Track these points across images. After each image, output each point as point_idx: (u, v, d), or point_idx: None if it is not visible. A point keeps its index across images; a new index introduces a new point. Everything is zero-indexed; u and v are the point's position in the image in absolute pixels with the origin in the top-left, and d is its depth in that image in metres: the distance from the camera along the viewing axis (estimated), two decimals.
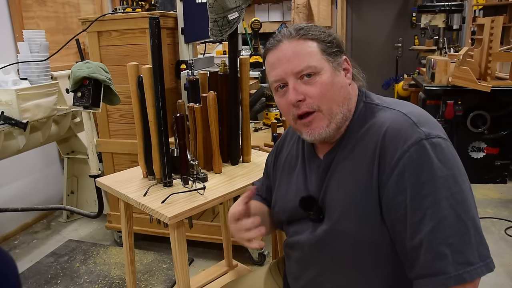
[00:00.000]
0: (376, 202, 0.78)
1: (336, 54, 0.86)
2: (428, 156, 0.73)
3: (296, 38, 0.85)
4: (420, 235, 0.72)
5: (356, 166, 0.82)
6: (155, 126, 1.23)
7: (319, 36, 0.86)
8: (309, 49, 0.84)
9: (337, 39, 0.88)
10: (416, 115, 0.79)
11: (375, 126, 0.82)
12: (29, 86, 2.10)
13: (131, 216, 1.38)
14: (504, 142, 3.06)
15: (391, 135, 0.77)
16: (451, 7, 3.38)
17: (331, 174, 0.87)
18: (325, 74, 0.84)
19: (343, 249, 0.83)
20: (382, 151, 0.78)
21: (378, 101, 0.88)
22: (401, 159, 0.74)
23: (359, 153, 0.82)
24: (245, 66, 1.38)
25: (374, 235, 0.79)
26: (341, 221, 0.83)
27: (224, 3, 1.24)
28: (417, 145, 0.74)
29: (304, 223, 0.92)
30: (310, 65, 0.83)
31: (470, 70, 2.59)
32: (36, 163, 2.87)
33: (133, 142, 2.02)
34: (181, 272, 1.13)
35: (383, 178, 0.77)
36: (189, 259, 2.24)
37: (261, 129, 2.31)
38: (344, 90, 0.86)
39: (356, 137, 0.84)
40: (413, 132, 0.75)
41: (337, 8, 5.24)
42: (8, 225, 2.67)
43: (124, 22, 2.06)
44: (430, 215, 0.71)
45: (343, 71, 0.87)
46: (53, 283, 2.11)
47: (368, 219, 0.79)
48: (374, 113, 0.85)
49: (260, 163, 1.43)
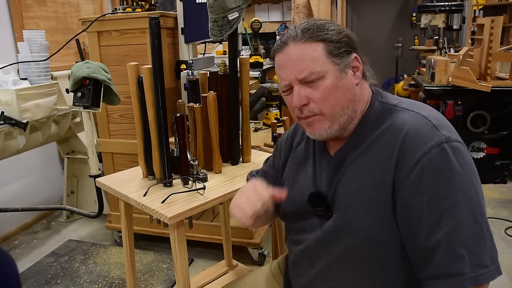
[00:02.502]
0: (389, 201, 0.78)
1: (344, 54, 0.84)
2: (449, 159, 0.73)
3: (302, 41, 0.84)
4: (437, 236, 0.72)
5: (371, 165, 0.82)
6: (155, 126, 1.23)
7: (327, 36, 0.84)
8: (314, 54, 0.83)
9: (348, 36, 0.86)
10: (435, 118, 0.80)
11: (394, 126, 0.82)
12: (29, 86, 2.10)
13: (131, 216, 1.38)
14: (504, 142, 3.06)
15: (412, 136, 0.77)
16: (451, 7, 3.38)
17: (343, 171, 0.86)
18: (330, 78, 0.83)
19: (351, 246, 0.84)
20: (401, 152, 0.78)
21: (396, 101, 0.87)
22: (420, 160, 0.74)
23: (376, 152, 0.82)
24: (245, 66, 1.38)
25: (384, 233, 0.80)
26: (352, 218, 0.83)
27: (224, 3, 1.24)
28: (437, 148, 0.74)
29: (310, 220, 0.92)
30: (314, 71, 0.83)
31: (470, 70, 2.59)
32: (36, 163, 2.87)
33: (133, 142, 2.02)
34: (181, 272, 1.13)
35: (400, 178, 0.77)
36: (189, 259, 2.24)
37: (261, 129, 2.32)
38: (350, 92, 0.85)
39: (373, 136, 0.84)
40: (434, 134, 0.76)
41: (337, 8, 5.24)
42: (8, 225, 2.67)
43: (124, 22, 2.06)
44: (448, 216, 0.72)
45: (352, 70, 0.86)
46: (53, 283, 2.11)
47: (380, 218, 0.79)
48: (393, 114, 0.84)
49: (260, 163, 1.43)
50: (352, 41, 0.86)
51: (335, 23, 0.88)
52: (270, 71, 3.26)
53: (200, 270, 2.16)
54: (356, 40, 0.87)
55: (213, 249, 2.32)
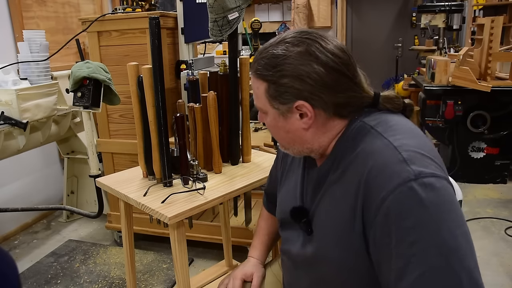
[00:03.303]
0: (361, 236, 0.73)
1: (286, 100, 0.78)
2: (417, 199, 0.65)
3: (252, 72, 0.83)
4: (403, 284, 0.65)
5: (342, 196, 0.77)
6: (155, 126, 1.23)
7: (272, 77, 0.78)
8: (257, 91, 0.83)
9: (303, 80, 0.75)
10: (408, 148, 0.70)
11: (362, 153, 0.75)
12: (29, 86, 2.10)
13: (131, 216, 1.38)
14: (504, 142, 3.07)
15: (377, 170, 0.70)
16: (451, 7, 3.38)
17: (323, 194, 0.83)
18: (270, 117, 0.84)
19: (329, 272, 0.82)
20: (367, 187, 0.71)
21: (374, 122, 0.78)
22: (385, 200, 0.67)
23: (347, 181, 0.76)
24: (245, 66, 1.38)
25: (359, 264, 0.75)
26: (326, 246, 0.81)
27: (224, 3, 1.24)
28: (403, 186, 0.66)
29: (295, 232, 0.92)
30: (258, 106, 0.86)
31: (470, 70, 2.59)
32: (36, 163, 2.87)
33: (133, 142, 2.02)
34: (181, 272, 1.13)
35: (369, 216, 0.70)
36: (189, 259, 2.24)
37: (261, 129, 2.32)
38: (293, 134, 0.82)
39: (347, 160, 0.78)
40: (401, 170, 0.67)
41: (337, 8, 5.24)
42: (8, 225, 2.67)
43: (124, 22, 2.06)
44: (415, 263, 0.63)
45: (299, 116, 0.79)
46: (53, 283, 2.11)
47: (353, 250, 0.75)
48: (365, 137, 0.76)
49: (260, 163, 1.43)
50: (309, 86, 0.76)
51: (307, 53, 0.76)
52: None
53: (200, 270, 2.16)
54: (319, 85, 0.75)
55: (213, 249, 2.32)
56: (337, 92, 0.77)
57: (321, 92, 0.76)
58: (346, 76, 0.77)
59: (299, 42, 0.77)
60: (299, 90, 0.76)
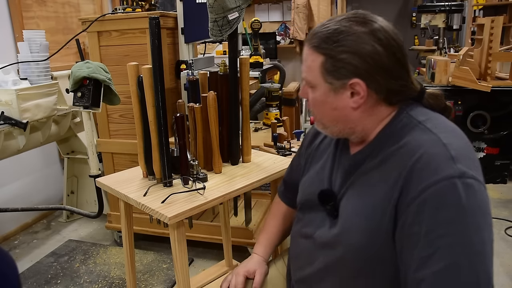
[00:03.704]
0: (390, 222, 0.75)
1: (341, 76, 0.79)
2: (456, 196, 0.68)
3: (310, 46, 0.83)
4: (424, 272, 0.68)
5: (380, 181, 0.79)
6: (155, 126, 1.23)
7: (331, 51, 0.79)
8: (311, 63, 0.83)
9: (365, 59, 0.77)
10: (456, 148, 0.73)
11: (409, 146, 0.76)
12: (29, 86, 2.10)
13: (131, 216, 1.38)
14: (504, 142, 3.06)
15: (424, 163, 0.72)
16: (451, 7, 3.38)
17: (356, 179, 0.85)
18: (319, 91, 0.83)
19: (347, 258, 0.83)
20: (409, 176, 0.73)
21: (423, 118, 0.80)
22: (425, 190, 0.69)
23: (388, 169, 0.78)
24: (245, 66, 1.38)
25: (382, 251, 0.77)
26: (351, 231, 0.82)
27: (224, 3, 1.24)
28: (447, 181, 0.68)
29: (318, 214, 0.93)
30: (307, 79, 0.85)
31: (470, 70, 2.59)
32: (36, 163, 2.87)
33: (133, 142, 2.02)
34: (181, 272, 1.13)
35: (403, 203, 0.73)
36: (189, 259, 2.24)
37: (261, 129, 2.31)
38: (339, 112, 0.83)
39: (389, 150, 0.79)
40: (448, 167, 0.70)
41: (337, 8, 5.24)
42: (8, 225, 2.67)
43: (124, 22, 2.06)
44: (441, 255, 0.67)
45: (350, 94, 0.80)
46: (53, 283, 2.11)
47: (379, 235, 0.77)
48: (413, 131, 0.78)
49: (260, 163, 1.43)
50: (368, 66, 0.77)
51: (372, 35, 0.78)
52: (270, 71, 3.25)
53: (200, 270, 2.16)
54: (378, 66, 0.77)
55: (213, 249, 2.32)
56: (391, 77, 0.79)
57: (378, 74, 0.78)
58: (401, 64, 0.80)
59: (363, 22, 0.79)
60: (357, 68, 0.78)
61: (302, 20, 5.26)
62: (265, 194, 2.65)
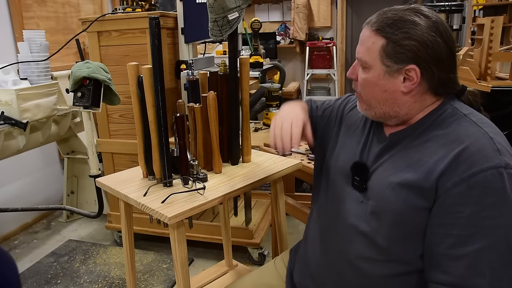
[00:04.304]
0: (428, 197, 0.80)
1: (400, 60, 0.83)
2: (503, 184, 0.74)
3: (371, 28, 0.86)
4: (466, 249, 0.75)
5: (421, 159, 0.83)
6: (155, 126, 1.23)
7: (393, 36, 0.82)
8: (371, 45, 0.86)
9: (427, 47, 0.81)
10: (501, 142, 0.80)
11: (456, 134, 0.82)
12: (29, 86, 2.10)
13: (131, 216, 1.38)
14: None
15: (473, 151, 0.78)
16: (451, 7, 3.38)
17: (393, 155, 0.89)
18: (373, 73, 0.87)
19: (380, 229, 0.86)
20: (456, 160, 0.78)
21: (467, 111, 0.86)
22: (476, 175, 0.75)
23: (430, 149, 0.83)
24: (245, 66, 1.38)
25: (414, 223, 0.82)
26: (384, 200, 0.86)
27: (224, 3, 1.24)
28: (495, 170, 0.75)
29: (345, 188, 0.96)
30: (363, 59, 0.87)
31: (470, 70, 2.59)
32: (36, 163, 2.87)
33: (133, 142, 2.03)
34: (181, 272, 1.13)
35: (447, 184, 0.78)
36: (189, 259, 2.24)
37: (261, 129, 2.32)
38: (389, 94, 0.86)
39: (433, 133, 0.85)
40: (495, 157, 0.76)
41: (337, 8, 5.24)
42: (8, 225, 2.67)
43: (124, 22, 2.06)
44: (483, 235, 0.74)
45: (404, 77, 0.84)
46: (53, 283, 2.11)
47: (415, 207, 0.81)
48: (460, 122, 0.84)
49: (260, 163, 1.43)
50: (427, 55, 0.81)
51: (434, 27, 0.82)
52: (270, 71, 3.26)
53: (200, 270, 2.16)
54: (436, 57, 0.82)
55: (213, 249, 2.32)
56: (443, 69, 0.84)
57: (434, 64, 0.82)
58: (454, 58, 0.85)
59: (425, 15, 0.83)
60: (417, 55, 0.82)
61: (302, 20, 5.26)
62: (265, 194, 2.65)
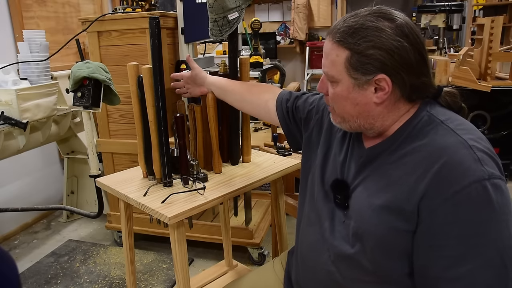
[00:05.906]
0: (411, 217, 0.75)
1: (367, 71, 0.78)
2: (488, 198, 0.70)
3: (333, 40, 0.81)
4: (460, 270, 0.71)
5: (401, 177, 0.78)
6: (155, 126, 1.23)
7: (357, 46, 0.77)
8: (335, 58, 0.81)
9: (392, 55, 0.76)
10: (481, 148, 0.74)
11: (433, 146, 0.76)
12: (29, 86, 2.10)
13: (131, 216, 1.38)
14: (504, 142, 3.06)
15: (453, 165, 0.73)
16: (451, 7, 3.38)
17: (371, 172, 0.84)
18: (341, 87, 0.82)
19: (364, 252, 0.82)
20: (436, 178, 0.73)
21: (444, 117, 0.80)
22: (459, 192, 0.71)
23: (409, 165, 0.78)
24: (245, 66, 1.38)
25: (399, 244, 0.78)
26: (364, 221, 0.82)
27: (224, 3, 1.24)
28: (478, 184, 0.70)
29: (326, 207, 0.93)
30: (329, 74, 0.83)
31: (470, 70, 2.59)
32: (36, 163, 2.87)
33: (133, 142, 2.02)
34: (181, 272, 1.13)
35: (431, 204, 0.73)
36: (189, 259, 2.24)
37: (261, 129, 2.32)
38: (361, 107, 0.82)
39: (409, 147, 0.79)
40: (476, 169, 0.71)
41: (337, 8, 5.24)
42: (8, 225, 2.67)
43: (124, 22, 2.06)
44: (475, 253, 0.70)
45: (374, 89, 0.80)
46: (53, 283, 2.11)
47: (397, 230, 0.77)
48: (436, 131, 0.78)
49: (260, 163, 1.43)
50: (395, 62, 0.76)
51: (399, 30, 0.77)
52: (270, 71, 3.25)
53: (200, 270, 2.16)
54: (404, 63, 0.77)
55: (213, 249, 2.32)
56: (415, 74, 0.78)
57: (403, 70, 0.77)
58: (424, 60, 0.79)
59: (389, 18, 0.79)
60: (384, 64, 0.77)
61: (302, 20, 5.26)
62: (265, 194, 2.65)
